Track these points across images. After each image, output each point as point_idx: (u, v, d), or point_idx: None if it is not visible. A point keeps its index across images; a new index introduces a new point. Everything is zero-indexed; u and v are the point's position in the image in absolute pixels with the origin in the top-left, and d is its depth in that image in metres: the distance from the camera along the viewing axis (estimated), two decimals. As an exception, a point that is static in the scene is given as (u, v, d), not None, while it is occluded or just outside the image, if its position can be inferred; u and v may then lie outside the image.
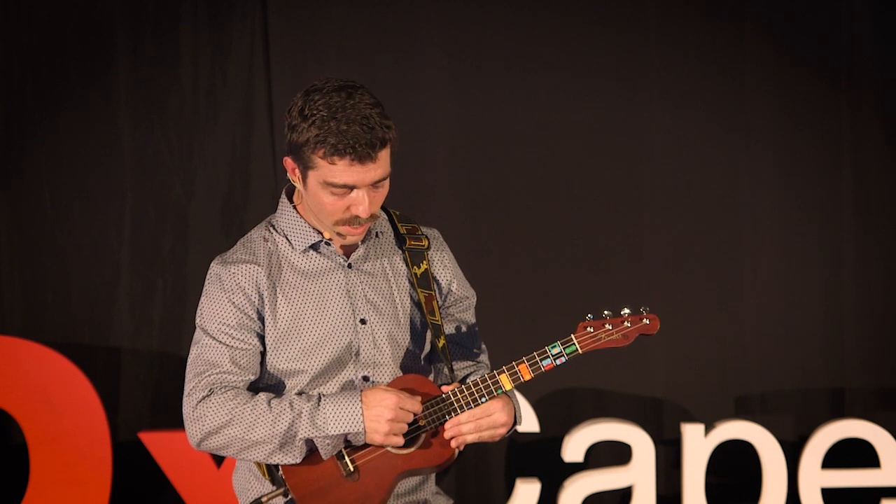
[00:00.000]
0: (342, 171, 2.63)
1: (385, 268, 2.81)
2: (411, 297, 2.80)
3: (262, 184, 4.41)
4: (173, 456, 4.08)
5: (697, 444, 4.29)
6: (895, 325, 4.54)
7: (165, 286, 4.36)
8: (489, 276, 4.35)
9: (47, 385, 4.09)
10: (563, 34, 4.45)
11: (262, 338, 2.75)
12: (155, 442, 4.09)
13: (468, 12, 4.42)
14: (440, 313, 2.81)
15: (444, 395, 2.66)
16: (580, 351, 2.66)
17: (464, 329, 2.86)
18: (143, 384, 4.35)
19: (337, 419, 2.64)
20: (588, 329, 2.67)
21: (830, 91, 4.51)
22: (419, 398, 2.66)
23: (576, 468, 4.32)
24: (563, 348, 2.66)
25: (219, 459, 4.11)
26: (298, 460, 2.68)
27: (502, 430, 2.70)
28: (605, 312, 2.68)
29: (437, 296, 2.84)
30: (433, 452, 2.68)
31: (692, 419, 4.42)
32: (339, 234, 2.74)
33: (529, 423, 4.28)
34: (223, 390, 2.71)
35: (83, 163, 4.34)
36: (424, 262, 2.82)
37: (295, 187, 2.81)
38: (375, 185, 2.68)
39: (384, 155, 2.67)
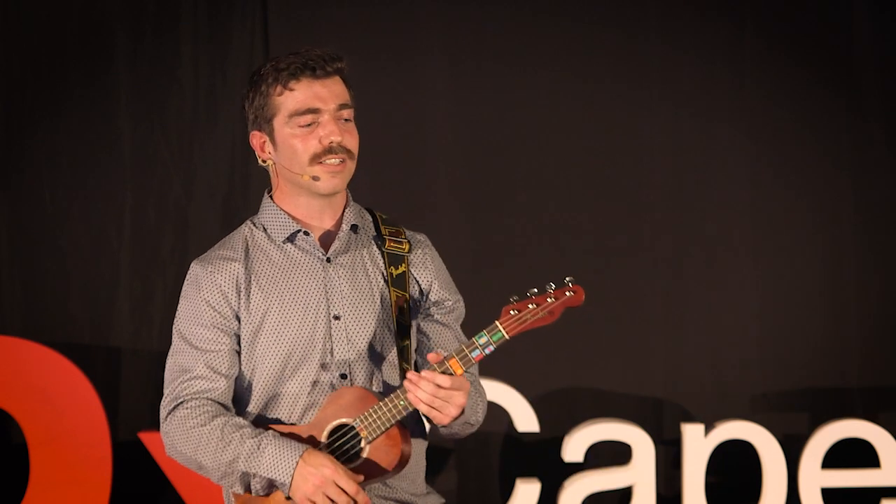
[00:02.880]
0: (302, 92, 2.68)
1: (365, 262, 2.79)
2: (387, 295, 2.78)
3: (262, 184, 4.38)
4: (173, 456, 4.08)
5: (697, 444, 4.29)
6: (895, 325, 4.54)
7: (165, 286, 4.36)
8: (488, 276, 4.35)
9: (47, 385, 4.09)
10: (563, 34, 4.45)
11: (239, 337, 2.74)
12: (155, 442, 4.09)
13: (468, 12, 4.42)
14: (411, 315, 2.78)
15: (380, 405, 2.63)
16: (507, 336, 2.61)
17: (443, 332, 2.82)
18: (143, 384, 4.35)
19: (271, 463, 2.63)
20: (512, 312, 2.61)
21: (830, 91, 4.51)
22: (358, 479, 2.61)
23: (576, 468, 4.32)
24: (490, 336, 2.61)
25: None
26: (240, 491, 2.68)
27: (449, 416, 2.62)
28: (529, 292, 2.62)
29: (416, 298, 2.81)
30: (382, 459, 2.64)
31: (692, 419, 4.42)
32: (317, 179, 2.71)
33: (529, 423, 4.28)
34: (190, 403, 2.71)
35: (83, 163, 4.34)
36: (403, 264, 2.80)
37: (272, 188, 2.82)
38: (343, 117, 2.72)
39: (341, 83, 2.73)
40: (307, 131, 2.71)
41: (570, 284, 2.62)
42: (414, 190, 4.41)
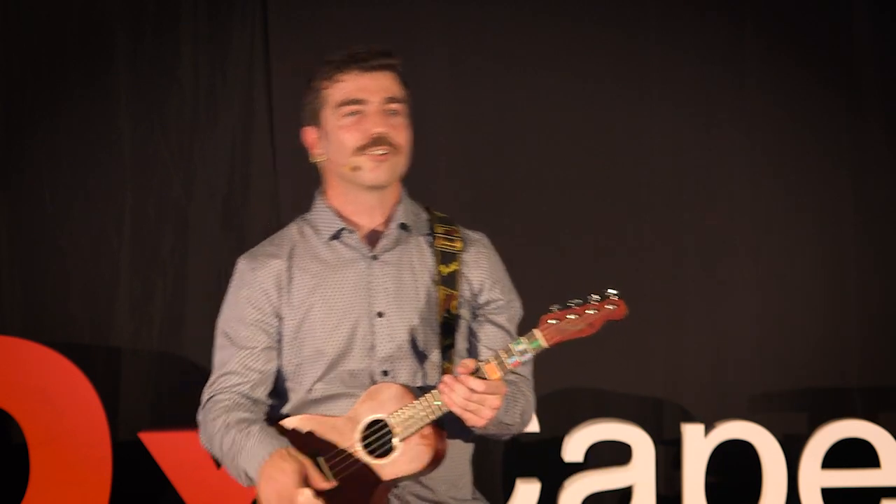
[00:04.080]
0: (349, 84, 2.72)
1: (412, 261, 2.79)
2: (434, 293, 2.78)
3: (262, 184, 4.41)
4: (173, 456, 4.08)
5: (697, 444, 4.29)
6: (895, 325, 4.54)
7: (165, 286, 4.36)
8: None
9: (47, 385, 4.08)
10: (563, 34, 4.45)
11: (280, 334, 2.76)
12: (155, 442, 4.09)
13: (468, 12, 4.42)
14: (459, 314, 2.78)
15: (415, 403, 2.64)
16: (545, 345, 2.62)
17: (492, 332, 2.82)
18: (143, 384, 4.35)
19: (248, 456, 2.71)
20: (551, 321, 2.62)
21: (830, 91, 4.51)
22: (322, 486, 2.63)
23: (576, 468, 4.32)
24: (528, 343, 2.62)
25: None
26: (245, 484, 2.76)
27: (483, 419, 2.63)
28: (571, 301, 2.63)
29: (466, 297, 2.80)
30: (414, 457, 2.66)
31: (692, 419, 4.42)
32: (359, 168, 2.71)
33: (530, 423, 4.28)
34: (219, 395, 2.80)
35: (83, 163, 4.34)
36: (455, 263, 2.80)
37: (322, 186, 2.82)
38: (391, 110, 2.72)
39: (392, 78, 2.75)
40: (352, 122, 2.73)
41: (612, 297, 2.62)
42: (414, 190, 4.40)
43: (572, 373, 4.44)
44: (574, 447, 4.27)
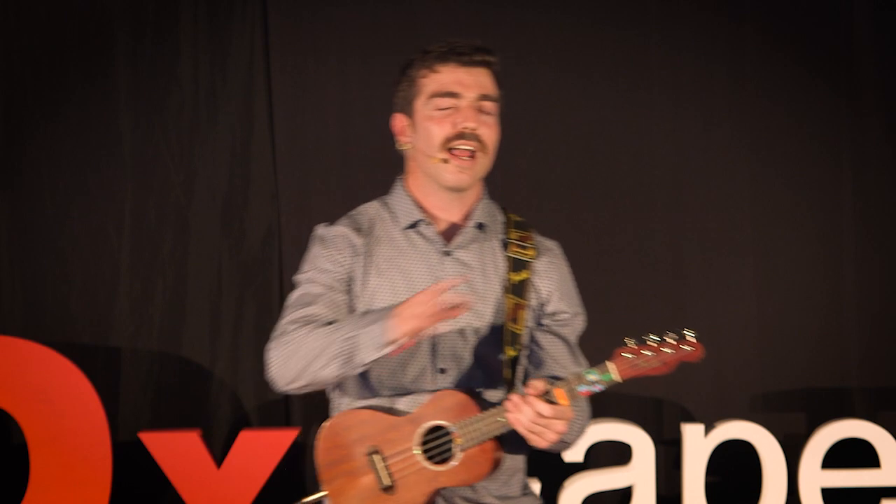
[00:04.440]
0: (445, 75, 2.70)
1: (484, 263, 2.78)
2: (502, 300, 2.76)
3: (262, 184, 4.41)
4: (173, 456, 4.08)
5: (697, 444, 4.29)
6: (895, 325, 4.54)
7: (165, 286, 4.36)
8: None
9: (47, 385, 4.08)
10: (563, 34, 4.45)
11: (350, 296, 2.76)
12: (155, 442, 4.09)
13: (468, 12, 4.42)
14: (526, 323, 2.76)
15: (481, 416, 2.64)
16: (618, 379, 2.60)
17: (554, 343, 2.81)
18: (143, 384, 4.35)
19: (371, 319, 2.61)
20: (626, 355, 2.60)
21: (830, 91, 4.51)
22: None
23: (576, 468, 4.32)
24: (601, 375, 2.60)
25: (219, 459, 4.10)
26: (336, 372, 2.63)
27: (546, 442, 2.62)
28: (648, 338, 2.61)
29: (533, 306, 2.79)
30: (472, 468, 2.66)
31: (692, 419, 4.42)
32: (446, 162, 2.70)
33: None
34: (306, 323, 2.71)
35: (83, 163, 4.34)
36: (526, 271, 2.78)
37: (405, 173, 2.80)
38: (483, 108, 2.71)
39: (488, 75, 2.73)
40: (444, 115, 2.73)
41: (689, 338, 2.60)
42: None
43: (572, 373, 4.44)
44: (574, 447, 4.26)
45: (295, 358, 2.68)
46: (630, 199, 4.48)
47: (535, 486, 4.27)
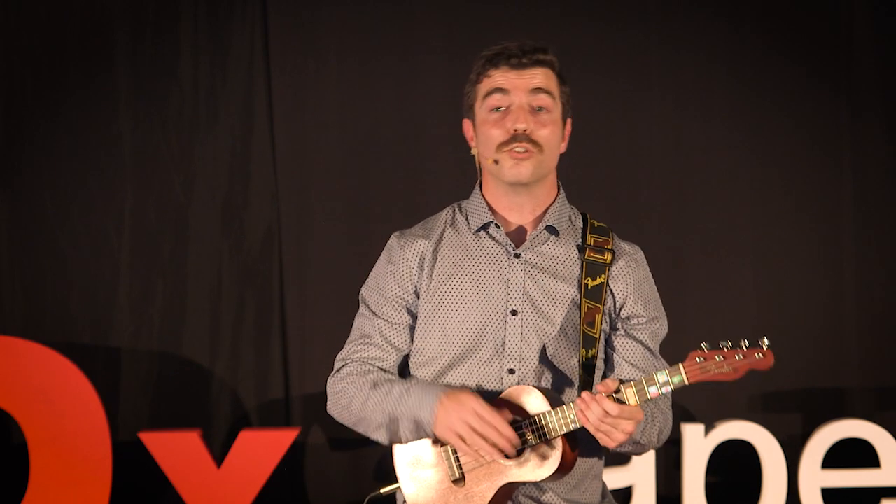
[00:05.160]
0: (498, 79, 2.73)
1: (555, 266, 2.78)
2: (576, 303, 2.77)
3: (262, 184, 4.41)
4: (173, 456, 4.08)
5: (697, 444, 4.29)
6: (895, 325, 4.54)
7: (165, 286, 4.36)
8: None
9: (47, 385, 4.09)
10: (563, 34, 4.45)
11: (416, 314, 2.79)
12: (155, 442, 4.09)
13: (468, 12, 4.42)
14: (603, 328, 2.77)
15: (552, 412, 2.64)
16: (687, 382, 2.59)
17: (630, 346, 2.80)
18: (143, 384, 4.35)
19: (416, 402, 2.67)
20: (698, 359, 2.59)
21: (830, 92, 4.51)
22: (506, 416, 2.64)
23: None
24: (671, 377, 2.59)
25: (219, 459, 4.11)
26: (385, 440, 2.73)
27: (614, 442, 2.62)
28: (722, 343, 2.59)
29: (610, 311, 2.79)
30: (541, 464, 2.66)
31: (692, 419, 4.42)
32: (498, 162, 2.72)
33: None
34: (355, 363, 2.79)
35: (83, 163, 4.34)
36: (602, 276, 2.78)
37: (480, 178, 2.83)
38: (536, 107, 2.74)
39: (543, 72, 2.76)
40: (498, 118, 2.75)
41: (762, 346, 2.57)
42: (414, 190, 4.41)
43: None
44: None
45: (346, 413, 2.80)
46: (629, 199, 4.48)
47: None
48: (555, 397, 2.70)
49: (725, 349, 2.58)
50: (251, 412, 4.40)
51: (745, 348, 2.58)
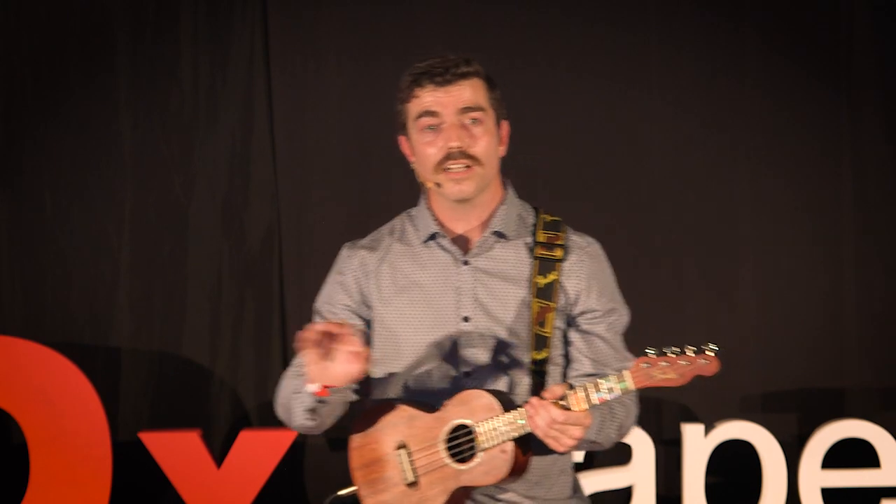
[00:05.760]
0: (424, 99, 2.72)
1: (505, 269, 2.78)
2: (526, 304, 2.77)
3: (262, 184, 4.41)
4: (173, 456, 4.08)
5: (697, 444, 4.29)
6: (895, 325, 4.54)
7: (165, 286, 4.36)
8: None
9: (47, 385, 4.09)
10: (563, 34, 4.45)
11: (369, 322, 2.81)
12: (155, 442, 4.09)
13: (468, 12, 4.42)
14: (556, 325, 2.77)
15: (502, 417, 2.65)
16: (632, 387, 2.61)
17: (589, 341, 2.80)
18: (143, 384, 4.35)
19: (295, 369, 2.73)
20: (643, 365, 2.60)
21: (830, 91, 4.51)
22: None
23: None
24: (616, 383, 2.60)
25: (219, 459, 4.11)
26: (301, 418, 2.73)
27: (563, 447, 2.63)
28: (668, 350, 2.60)
29: (562, 307, 2.79)
30: (492, 468, 2.67)
31: (692, 419, 4.42)
32: (440, 185, 2.73)
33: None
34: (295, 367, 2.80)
35: (83, 163, 4.34)
36: (553, 272, 2.78)
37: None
38: (469, 119, 2.72)
39: (470, 85, 2.74)
40: (432, 136, 2.75)
41: (707, 353, 2.59)
42: (414, 190, 4.40)
43: (572, 373, 4.44)
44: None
45: (278, 407, 2.83)
46: (630, 200, 4.48)
47: (535, 486, 4.27)
48: (507, 401, 2.70)
49: (671, 355, 2.59)
50: (251, 412, 4.40)
51: (690, 354, 2.59)
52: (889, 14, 4.48)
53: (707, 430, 4.30)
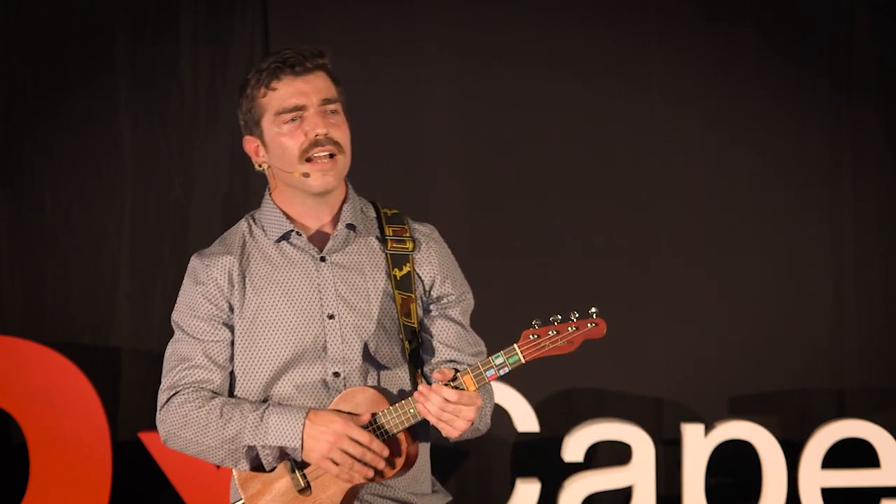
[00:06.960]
0: (286, 90, 2.72)
1: (361, 263, 2.78)
2: (389, 295, 2.77)
3: (262, 184, 4.38)
4: (173, 456, 4.08)
5: (697, 444, 4.29)
6: (895, 325, 4.54)
7: (165, 286, 4.36)
8: (488, 276, 4.35)
9: (47, 385, 4.09)
10: (563, 34, 4.45)
11: (233, 329, 2.77)
12: (155, 442, 4.09)
13: (468, 12, 4.42)
14: (419, 316, 2.77)
15: (390, 409, 2.64)
16: (523, 360, 2.60)
17: (444, 326, 2.80)
18: (143, 384, 4.35)
19: (277, 431, 2.64)
20: (531, 336, 2.60)
21: (830, 91, 4.51)
22: (369, 434, 2.63)
23: (576, 468, 4.32)
24: (506, 358, 2.60)
25: (219, 459, 4.11)
26: (247, 467, 2.69)
27: (457, 430, 2.62)
28: (552, 318, 2.61)
29: (421, 297, 2.81)
30: (388, 461, 2.65)
31: (692, 419, 4.42)
32: (307, 176, 2.72)
33: (529, 423, 4.28)
34: (187, 390, 2.75)
35: (83, 163, 4.34)
36: (407, 264, 2.80)
37: (270, 187, 2.83)
38: (329, 110, 2.73)
39: (325, 76, 2.75)
40: (293, 127, 2.74)
41: (593, 316, 2.60)
42: (413, 190, 4.41)
43: (572, 373, 4.44)
44: (574, 447, 4.27)
45: (193, 445, 2.76)
46: (629, 199, 4.48)
47: (535, 487, 4.27)
48: (389, 394, 2.69)
49: (556, 323, 2.59)
50: (251, 412, 4.40)
51: (576, 319, 2.60)
52: (889, 14, 4.48)
53: (707, 430, 4.30)
